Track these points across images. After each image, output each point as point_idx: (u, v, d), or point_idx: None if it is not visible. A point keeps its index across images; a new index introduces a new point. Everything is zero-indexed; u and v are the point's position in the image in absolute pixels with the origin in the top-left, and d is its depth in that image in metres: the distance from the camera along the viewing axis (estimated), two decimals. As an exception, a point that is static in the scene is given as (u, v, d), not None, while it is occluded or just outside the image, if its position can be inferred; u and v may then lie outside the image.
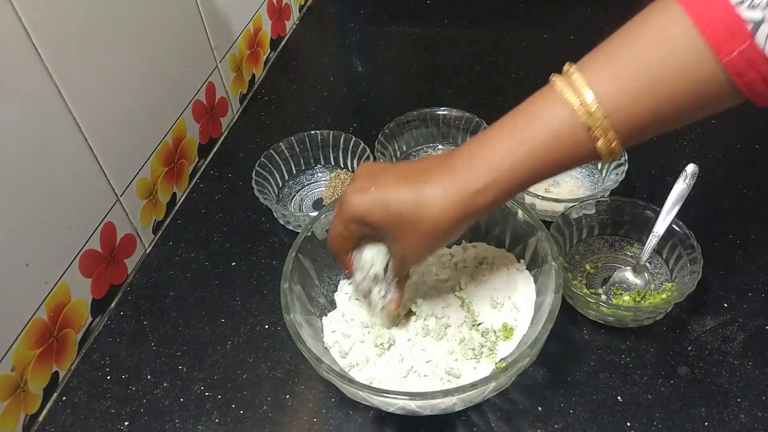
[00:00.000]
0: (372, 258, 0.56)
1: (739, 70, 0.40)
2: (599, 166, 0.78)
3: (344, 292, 0.66)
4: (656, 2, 0.44)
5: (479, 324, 0.61)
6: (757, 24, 0.38)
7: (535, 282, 0.62)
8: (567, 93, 0.44)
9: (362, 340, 0.61)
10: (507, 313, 0.61)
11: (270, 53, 1.05)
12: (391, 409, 0.53)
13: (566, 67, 0.46)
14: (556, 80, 0.46)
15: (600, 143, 0.44)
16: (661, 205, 0.65)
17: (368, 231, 0.54)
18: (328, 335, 0.62)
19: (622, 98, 0.43)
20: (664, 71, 0.42)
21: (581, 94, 0.44)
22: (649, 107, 0.43)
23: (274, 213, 0.77)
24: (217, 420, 0.61)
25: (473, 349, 0.58)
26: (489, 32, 1.06)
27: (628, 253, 0.71)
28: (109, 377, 0.65)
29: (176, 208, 0.83)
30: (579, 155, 0.46)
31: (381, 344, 0.60)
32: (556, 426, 0.58)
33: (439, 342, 0.60)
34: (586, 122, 0.44)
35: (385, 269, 0.57)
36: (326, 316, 0.64)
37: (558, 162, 0.46)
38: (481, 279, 0.64)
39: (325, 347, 0.61)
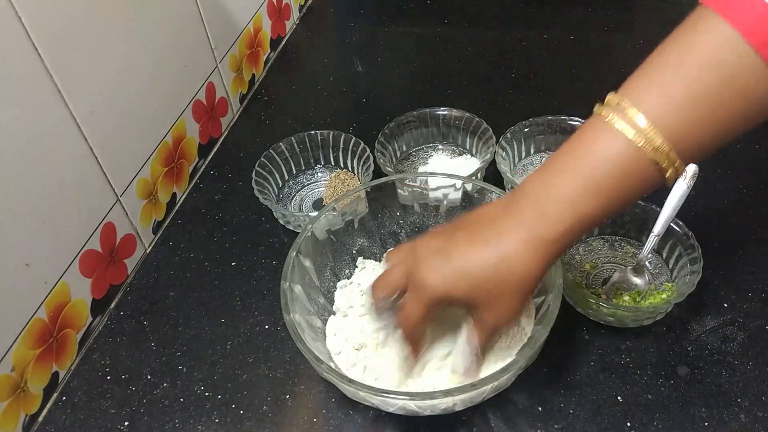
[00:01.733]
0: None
1: None
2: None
3: (343, 291, 0.66)
4: (696, 18, 0.43)
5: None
6: None
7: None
8: (627, 130, 0.44)
9: (363, 342, 0.61)
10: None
11: (270, 53, 1.05)
12: (391, 409, 0.53)
13: (613, 99, 0.45)
14: (612, 116, 0.44)
15: (669, 174, 0.45)
16: (661, 205, 0.65)
17: (452, 305, 0.52)
18: (331, 338, 0.62)
19: (685, 130, 0.43)
20: (724, 96, 0.42)
21: (640, 128, 0.43)
22: (713, 132, 0.43)
23: (274, 213, 0.77)
24: (217, 420, 0.61)
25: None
26: (489, 32, 1.06)
27: (628, 253, 0.71)
28: (109, 377, 0.65)
29: (176, 208, 0.83)
30: (647, 187, 0.46)
31: (381, 341, 0.60)
32: (556, 426, 0.58)
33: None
34: (654, 158, 0.44)
35: None
36: (331, 317, 0.64)
37: (629, 197, 0.46)
38: None
39: (327, 349, 0.61)
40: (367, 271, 0.67)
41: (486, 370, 0.56)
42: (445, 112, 0.84)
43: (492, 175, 0.79)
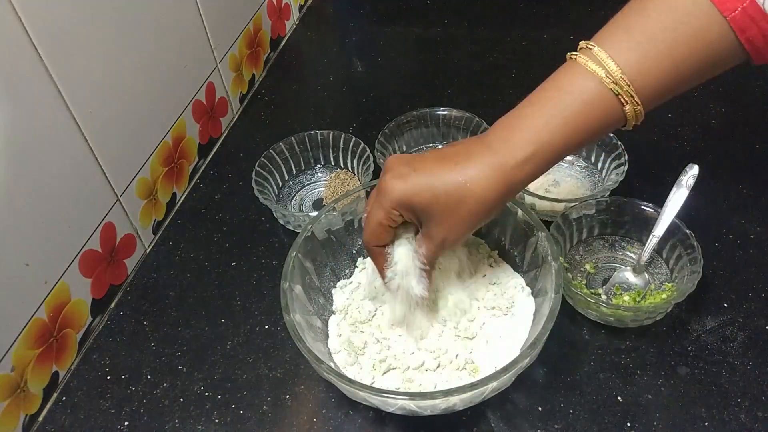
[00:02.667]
0: (399, 254, 0.56)
1: (741, 26, 0.46)
2: (599, 165, 0.78)
3: (343, 290, 0.66)
4: None
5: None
6: None
7: (535, 282, 0.62)
8: (592, 65, 0.48)
9: (366, 341, 0.61)
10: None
11: (270, 53, 1.05)
12: (391, 409, 0.54)
13: (582, 43, 0.50)
14: (579, 56, 0.50)
15: (627, 108, 0.49)
16: (661, 205, 0.65)
17: (409, 217, 0.54)
18: (333, 338, 0.62)
19: (643, 65, 0.48)
20: (678, 36, 0.47)
21: (605, 64, 0.48)
22: (668, 70, 0.48)
23: (274, 213, 0.77)
24: (217, 420, 0.61)
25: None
26: (489, 32, 1.06)
27: (628, 253, 0.71)
28: (109, 377, 0.65)
29: (176, 208, 0.83)
30: (608, 121, 0.50)
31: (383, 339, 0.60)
32: (556, 426, 0.58)
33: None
34: (613, 89, 0.48)
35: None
36: (332, 316, 0.64)
37: (590, 130, 0.50)
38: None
39: (328, 349, 0.61)
40: (368, 271, 0.67)
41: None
42: (445, 112, 0.84)
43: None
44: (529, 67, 0.97)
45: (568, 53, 0.51)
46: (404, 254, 0.56)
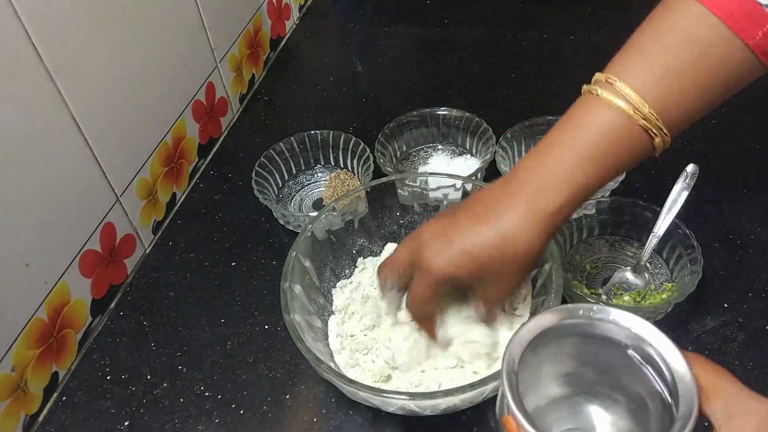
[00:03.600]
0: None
1: (764, 50, 0.46)
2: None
3: (344, 290, 0.66)
4: (668, 1, 0.48)
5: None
6: None
7: (536, 282, 0.62)
8: (618, 102, 0.47)
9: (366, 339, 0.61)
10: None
11: (270, 53, 1.05)
12: (391, 409, 0.53)
13: (600, 76, 0.49)
14: (600, 91, 0.48)
15: (657, 141, 0.48)
16: (661, 205, 0.65)
17: (457, 286, 0.54)
18: (333, 339, 0.62)
19: (669, 99, 0.47)
20: (702, 67, 0.46)
21: (631, 99, 0.47)
22: (693, 100, 0.48)
23: (274, 213, 0.77)
24: (217, 420, 0.61)
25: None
26: (489, 32, 1.06)
27: (628, 253, 0.71)
28: (109, 377, 0.65)
29: (176, 208, 0.83)
30: (639, 155, 0.49)
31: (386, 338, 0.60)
32: (556, 426, 0.58)
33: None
34: (643, 125, 0.47)
35: None
36: (332, 316, 0.64)
37: (621, 166, 0.49)
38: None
39: (329, 349, 0.61)
40: (368, 271, 0.67)
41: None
42: (445, 112, 0.84)
43: (492, 175, 0.79)
44: (529, 67, 0.97)
45: (585, 86, 0.50)
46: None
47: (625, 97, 0.47)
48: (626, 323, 0.40)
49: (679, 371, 0.37)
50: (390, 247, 0.68)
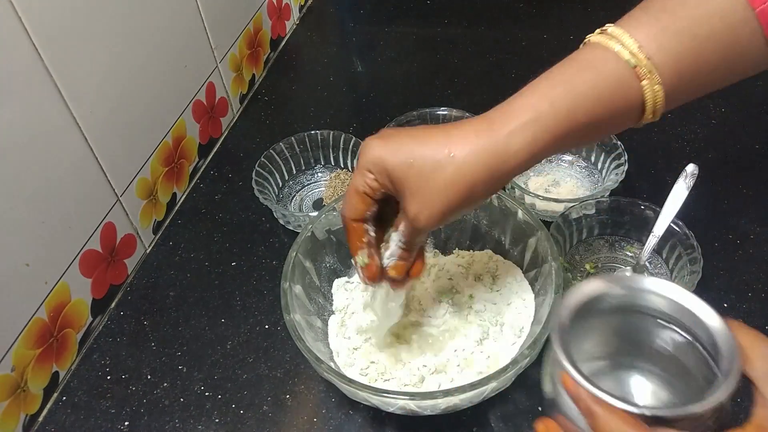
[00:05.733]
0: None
1: None
2: (599, 165, 0.78)
3: (343, 289, 0.66)
4: None
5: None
6: None
7: (535, 282, 0.62)
8: (607, 41, 0.43)
9: (365, 340, 0.61)
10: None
11: (270, 53, 1.05)
12: (391, 409, 0.54)
13: (598, 30, 0.46)
14: (592, 36, 0.45)
15: (645, 83, 0.43)
16: (661, 205, 0.65)
17: (386, 187, 0.48)
18: (333, 338, 0.62)
19: (662, 39, 0.42)
20: (700, 12, 0.42)
21: (621, 38, 0.43)
22: (689, 49, 0.43)
23: (274, 213, 0.77)
24: (217, 420, 0.61)
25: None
26: (489, 32, 1.06)
27: (628, 253, 0.71)
28: (109, 377, 0.65)
29: (176, 208, 0.83)
30: (623, 100, 0.43)
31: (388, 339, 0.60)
32: (556, 426, 0.58)
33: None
34: (629, 60, 0.42)
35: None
36: (332, 316, 0.64)
37: (602, 106, 0.43)
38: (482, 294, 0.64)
39: (329, 349, 0.61)
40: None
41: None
42: (445, 112, 0.84)
43: (492, 175, 0.79)
44: (529, 67, 0.96)
45: (587, 36, 0.46)
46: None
47: (615, 38, 0.43)
48: (665, 292, 0.40)
49: (720, 333, 0.37)
50: None
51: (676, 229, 0.65)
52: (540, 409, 0.59)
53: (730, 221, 0.72)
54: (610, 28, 0.44)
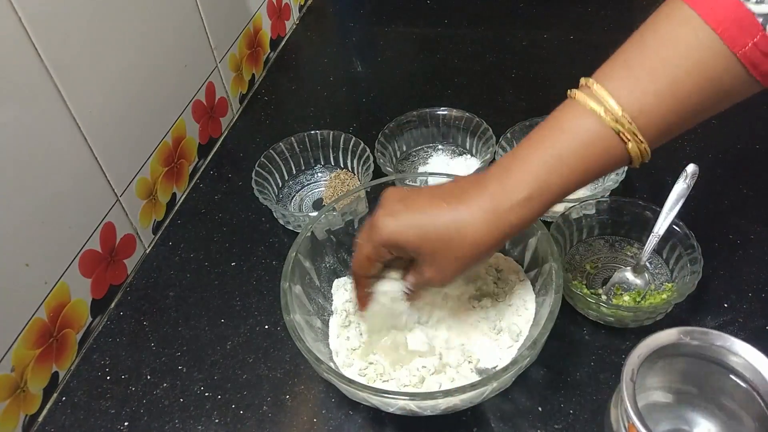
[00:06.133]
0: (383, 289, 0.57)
1: (753, 61, 0.42)
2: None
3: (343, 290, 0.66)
4: (663, 6, 0.46)
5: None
6: (766, 17, 0.41)
7: (536, 282, 0.62)
8: (591, 103, 0.46)
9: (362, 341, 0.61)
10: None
11: (270, 53, 1.05)
12: (391, 410, 0.54)
13: (583, 81, 0.48)
14: (577, 93, 0.47)
15: (630, 146, 0.45)
16: (661, 205, 0.65)
17: (398, 254, 0.53)
18: (333, 339, 0.62)
19: (644, 101, 0.45)
20: (681, 71, 0.44)
21: (605, 102, 0.45)
22: (672, 107, 0.45)
23: (274, 213, 0.77)
24: (217, 420, 0.61)
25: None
26: (489, 32, 1.06)
27: (628, 253, 0.71)
28: (109, 377, 0.65)
29: (176, 208, 0.83)
30: (610, 161, 0.47)
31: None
32: (556, 426, 0.58)
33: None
34: (614, 128, 0.45)
35: None
36: (332, 317, 0.64)
37: (590, 170, 0.47)
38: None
39: (329, 349, 0.61)
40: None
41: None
42: (445, 112, 0.84)
43: (492, 175, 0.79)
44: (529, 67, 0.97)
45: (569, 90, 0.48)
46: (388, 290, 0.57)
47: (599, 100, 0.45)
48: (741, 352, 0.45)
49: None
50: None
51: (676, 229, 0.65)
52: (540, 409, 0.59)
53: (730, 221, 0.72)
54: (594, 86, 0.46)
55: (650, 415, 0.50)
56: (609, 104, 0.45)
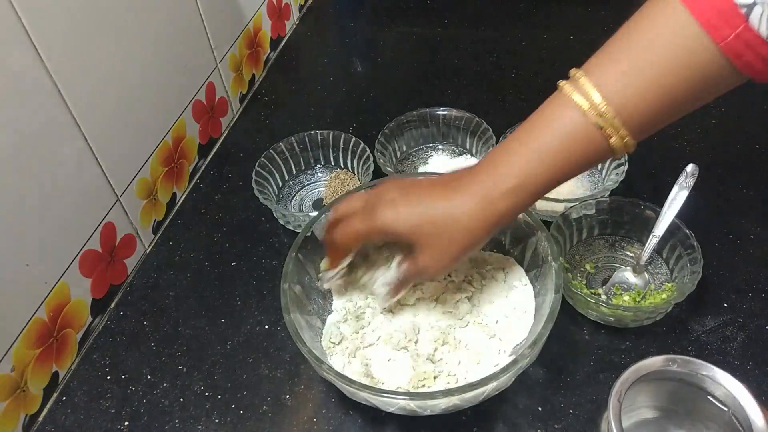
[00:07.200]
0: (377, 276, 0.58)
1: (737, 52, 0.43)
2: (599, 165, 0.78)
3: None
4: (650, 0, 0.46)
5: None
6: (750, 7, 0.41)
7: (535, 282, 0.62)
8: (575, 96, 0.47)
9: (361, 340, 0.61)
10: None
11: (270, 53, 1.05)
12: (391, 409, 0.54)
13: (572, 72, 0.49)
14: (564, 85, 0.48)
15: (613, 140, 0.47)
16: (661, 205, 0.65)
17: (392, 241, 0.54)
18: (331, 336, 0.62)
19: (628, 94, 0.46)
20: (664, 62, 0.45)
21: (589, 96, 0.46)
22: (656, 99, 0.45)
23: (274, 213, 0.77)
24: (217, 420, 0.61)
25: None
26: (489, 32, 1.06)
27: (628, 253, 0.71)
28: (109, 377, 0.65)
29: (176, 208, 0.83)
30: (595, 154, 0.49)
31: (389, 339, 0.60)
32: (556, 426, 0.58)
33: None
34: (597, 122, 0.46)
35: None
36: (330, 315, 0.64)
37: (575, 163, 0.49)
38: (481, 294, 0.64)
39: (330, 343, 0.61)
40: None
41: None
42: (445, 112, 0.84)
43: (492, 175, 0.79)
44: (529, 67, 0.97)
45: (559, 81, 0.49)
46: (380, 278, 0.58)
47: (584, 93, 0.46)
48: (722, 381, 0.48)
49: (759, 426, 0.45)
50: None
51: (676, 229, 0.65)
52: (540, 409, 0.59)
53: (730, 221, 0.72)
54: (581, 78, 0.47)
55: (638, 431, 0.53)
56: (593, 98, 0.46)
